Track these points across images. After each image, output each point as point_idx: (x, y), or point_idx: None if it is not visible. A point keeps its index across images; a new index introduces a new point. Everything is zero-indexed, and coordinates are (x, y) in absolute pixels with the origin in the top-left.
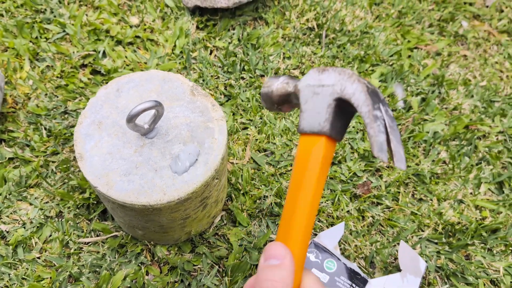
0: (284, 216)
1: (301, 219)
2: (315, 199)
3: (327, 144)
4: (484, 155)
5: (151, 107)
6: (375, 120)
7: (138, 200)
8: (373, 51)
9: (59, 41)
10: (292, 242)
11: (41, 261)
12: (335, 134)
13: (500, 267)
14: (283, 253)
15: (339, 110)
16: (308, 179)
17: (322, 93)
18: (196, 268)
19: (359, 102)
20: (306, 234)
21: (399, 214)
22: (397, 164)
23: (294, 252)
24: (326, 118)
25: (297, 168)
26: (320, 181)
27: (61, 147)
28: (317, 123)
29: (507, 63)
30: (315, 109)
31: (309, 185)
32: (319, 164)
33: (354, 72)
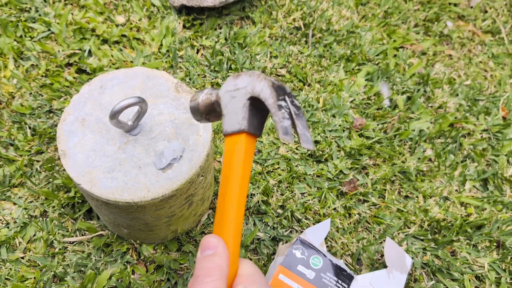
0: (217, 210)
1: (231, 211)
2: (242, 191)
3: (247, 140)
4: (469, 152)
5: (134, 103)
6: (279, 109)
7: (122, 197)
8: (359, 51)
9: (44, 40)
10: (225, 233)
11: (25, 261)
12: (253, 130)
13: (485, 263)
14: (216, 242)
15: (254, 108)
16: (234, 174)
17: (237, 95)
18: (182, 267)
19: (266, 96)
20: (237, 224)
21: (385, 211)
22: (304, 145)
23: (228, 241)
24: (243, 116)
25: (224, 165)
26: (245, 174)
27: (46, 146)
28: (236, 123)
29: (491, 62)
30: (234, 111)
31: (235, 179)
32: (242, 159)
33: (262, 73)
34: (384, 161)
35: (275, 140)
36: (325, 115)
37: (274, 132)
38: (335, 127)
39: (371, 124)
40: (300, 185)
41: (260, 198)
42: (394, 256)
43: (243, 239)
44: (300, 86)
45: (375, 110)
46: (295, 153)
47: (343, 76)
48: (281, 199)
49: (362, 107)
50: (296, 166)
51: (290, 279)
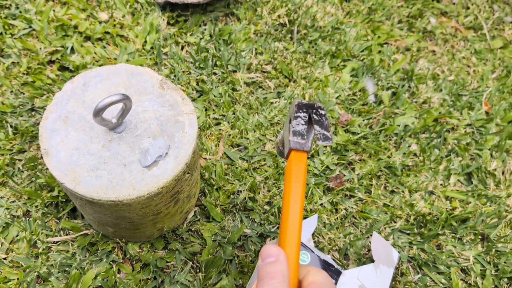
0: (281, 224)
1: (294, 224)
2: (302, 205)
3: (295, 154)
4: (453, 147)
5: (118, 100)
6: (295, 118)
7: (107, 195)
8: (344, 47)
9: (25, 37)
10: (289, 245)
11: (7, 262)
12: (296, 146)
13: (470, 256)
14: (277, 251)
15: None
16: (296, 190)
17: (285, 124)
18: (169, 265)
19: (290, 112)
20: (299, 236)
21: (371, 206)
22: (320, 143)
23: (291, 252)
24: (289, 137)
25: (286, 182)
26: (304, 190)
27: (28, 144)
28: (287, 145)
29: (473, 58)
30: (286, 137)
31: (298, 194)
32: (292, 170)
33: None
34: (370, 157)
35: (261, 136)
36: None
37: (260, 129)
38: None
39: (357, 119)
40: None
41: (247, 195)
42: (381, 250)
43: (230, 236)
44: (285, 83)
45: (361, 106)
46: None
47: (329, 72)
48: (268, 196)
49: (347, 103)
50: (283, 162)
51: None
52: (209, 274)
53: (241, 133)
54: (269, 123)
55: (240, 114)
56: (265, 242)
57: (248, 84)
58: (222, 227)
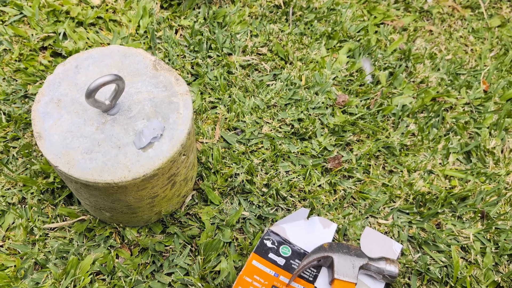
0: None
1: None
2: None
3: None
4: (452, 126)
5: (110, 81)
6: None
7: (102, 178)
8: (340, 28)
9: (16, 24)
10: None
11: (4, 249)
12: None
13: (470, 234)
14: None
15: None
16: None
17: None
18: (168, 249)
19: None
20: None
21: (370, 186)
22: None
23: None
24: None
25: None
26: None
27: (22, 131)
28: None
29: (471, 37)
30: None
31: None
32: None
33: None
34: (368, 137)
35: (258, 119)
36: (308, 93)
37: (257, 111)
38: (318, 104)
39: (354, 100)
40: (285, 163)
41: (245, 178)
42: (374, 244)
43: (228, 219)
44: (281, 65)
45: (358, 87)
46: (278, 132)
47: (325, 53)
48: (266, 178)
49: (344, 83)
50: (280, 144)
51: (262, 265)
52: (208, 257)
53: (238, 116)
54: (266, 106)
55: (236, 97)
56: (264, 225)
57: (243, 67)
58: (220, 210)
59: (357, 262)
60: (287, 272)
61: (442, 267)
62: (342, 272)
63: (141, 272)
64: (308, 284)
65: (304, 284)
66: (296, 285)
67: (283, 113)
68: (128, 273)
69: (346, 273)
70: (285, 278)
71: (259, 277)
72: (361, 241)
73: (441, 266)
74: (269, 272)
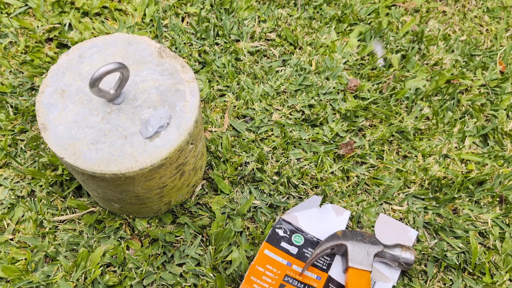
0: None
1: None
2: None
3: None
4: (467, 108)
5: (114, 69)
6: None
7: (108, 169)
8: (350, 11)
9: (21, 16)
10: None
11: (14, 242)
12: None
13: (488, 219)
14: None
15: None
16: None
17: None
18: (178, 239)
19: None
20: None
21: (384, 172)
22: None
23: None
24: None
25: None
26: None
27: (30, 124)
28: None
29: (486, 16)
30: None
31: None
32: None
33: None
34: (380, 122)
35: (267, 106)
36: (318, 78)
37: (266, 98)
38: (329, 89)
39: (366, 84)
40: (296, 151)
41: (255, 166)
42: (390, 231)
43: (239, 208)
44: (291, 50)
45: (370, 70)
46: (289, 119)
47: (335, 37)
48: (277, 166)
49: (356, 68)
50: (291, 131)
51: (275, 254)
52: (219, 247)
53: (247, 104)
54: (275, 92)
55: (244, 84)
56: (276, 213)
57: (252, 53)
58: (231, 199)
59: (372, 249)
60: (300, 261)
61: (459, 253)
62: (356, 260)
63: (152, 263)
64: (322, 273)
65: (318, 272)
66: (309, 274)
67: (293, 100)
68: (139, 265)
69: (360, 261)
70: (298, 267)
71: (272, 266)
72: (376, 228)
73: (458, 252)
74: (281, 261)
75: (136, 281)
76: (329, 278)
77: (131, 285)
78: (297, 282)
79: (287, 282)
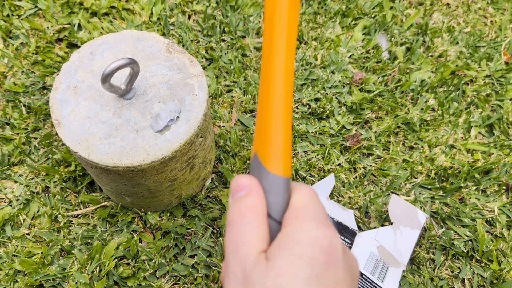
0: (260, 90)
1: (277, 83)
2: (288, 55)
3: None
4: (473, 99)
5: (125, 64)
6: None
7: (121, 162)
8: (354, 5)
9: (32, 17)
10: (273, 123)
11: (30, 237)
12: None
13: (495, 207)
14: (247, 182)
15: None
16: (279, 30)
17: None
18: (189, 232)
19: None
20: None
21: (390, 163)
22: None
23: (277, 137)
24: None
25: (265, 27)
26: (291, 32)
27: (42, 122)
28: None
29: (490, 8)
30: None
31: (281, 35)
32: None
33: None
34: (386, 114)
35: None
36: (324, 72)
37: None
38: (335, 83)
39: (371, 77)
40: (303, 144)
41: None
42: (402, 212)
43: None
44: (296, 45)
45: (375, 63)
46: (295, 112)
47: (340, 31)
48: None
49: (361, 61)
50: (297, 125)
51: None
52: None
53: (254, 99)
54: None
55: (251, 79)
56: None
57: (258, 49)
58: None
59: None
60: None
61: (467, 241)
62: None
63: (164, 255)
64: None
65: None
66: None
67: (299, 94)
68: (151, 257)
69: None
70: None
71: None
72: (389, 208)
73: (465, 241)
74: None
75: (149, 273)
76: None
77: (144, 276)
78: None
79: None
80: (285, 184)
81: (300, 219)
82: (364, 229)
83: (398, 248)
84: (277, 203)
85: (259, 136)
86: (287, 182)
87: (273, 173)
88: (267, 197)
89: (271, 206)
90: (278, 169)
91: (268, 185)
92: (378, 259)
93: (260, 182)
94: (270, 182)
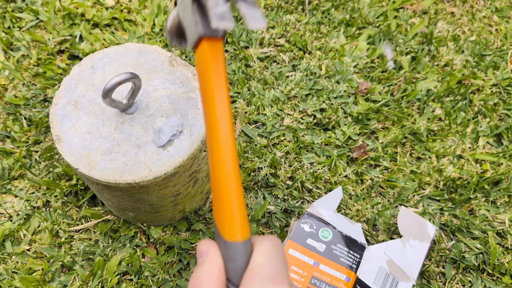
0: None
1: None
2: (222, 107)
3: (209, 43)
4: (480, 108)
5: (126, 79)
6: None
7: (123, 178)
8: (358, 14)
9: (33, 29)
10: (223, 185)
11: (31, 253)
12: (209, 32)
13: (506, 219)
14: (206, 248)
15: (203, 10)
16: (207, 84)
17: (186, 4)
18: (194, 246)
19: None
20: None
21: (398, 174)
22: (252, 25)
23: (229, 199)
24: (196, 21)
25: (200, 85)
26: (219, 83)
27: (43, 135)
28: (194, 32)
29: (495, 16)
30: (189, 21)
31: (209, 87)
32: (209, 65)
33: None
34: (393, 124)
35: (278, 111)
36: (329, 82)
37: (277, 104)
38: (340, 93)
39: (377, 87)
40: (308, 155)
41: (268, 171)
42: (411, 225)
43: (253, 214)
44: (300, 55)
45: (380, 73)
46: (300, 123)
47: (344, 41)
48: (290, 171)
49: (366, 71)
50: (303, 136)
51: (300, 253)
52: None
53: (258, 109)
54: (286, 97)
55: (255, 90)
56: (290, 218)
57: (261, 59)
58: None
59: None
60: (328, 259)
61: (477, 254)
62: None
63: (168, 271)
64: (351, 272)
65: (347, 272)
66: (338, 274)
67: (304, 104)
68: (155, 272)
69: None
70: (326, 267)
71: (298, 268)
72: (398, 221)
73: (476, 253)
74: (307, 261)
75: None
76: (357, 280)
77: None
78: (324, 284)
79: (314, 285)
80: (242, 248)
81: (255, 280)
82: (372, 242)
83: (408, 262)
84: (236, 268)
85: (214, 208)
86: (244, 246)
87: (229, 241)
88: (226, 263)
89: (230, 271)
90: (233, 235)
91: (226, 252)
92: (387, 274)
93: (220, 249)
94: (228, 249)
